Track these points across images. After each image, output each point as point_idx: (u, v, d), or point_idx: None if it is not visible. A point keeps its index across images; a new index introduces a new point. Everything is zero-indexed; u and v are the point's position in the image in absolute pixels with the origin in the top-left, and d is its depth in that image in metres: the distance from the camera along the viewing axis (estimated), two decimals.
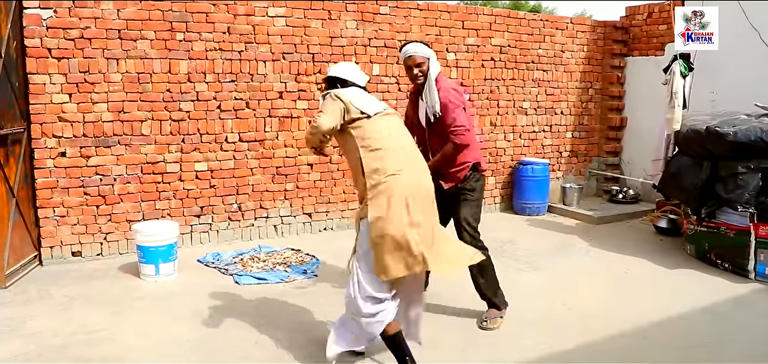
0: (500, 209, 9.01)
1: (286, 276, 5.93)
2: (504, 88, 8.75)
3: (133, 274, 6.01)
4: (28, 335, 4.61)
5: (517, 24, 8.74)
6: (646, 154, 9.24)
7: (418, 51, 4.72)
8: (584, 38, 9.38)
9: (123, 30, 6.31)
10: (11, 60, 5.81)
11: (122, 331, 4.72)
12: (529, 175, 8.72)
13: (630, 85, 9.63)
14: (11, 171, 5.81)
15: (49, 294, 5.48)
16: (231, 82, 6.83)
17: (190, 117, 6.71)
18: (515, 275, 6.17)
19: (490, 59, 8.56)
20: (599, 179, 9.95)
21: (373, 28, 7.61)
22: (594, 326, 4.91)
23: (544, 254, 6.91)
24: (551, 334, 4.76)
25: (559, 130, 9.39)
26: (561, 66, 9.23)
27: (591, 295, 5.66)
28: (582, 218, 8.64)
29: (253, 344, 4.51)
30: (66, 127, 6.19)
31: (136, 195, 6.58)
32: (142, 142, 6.52)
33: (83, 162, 6.31)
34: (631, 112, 9.64)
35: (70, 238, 6.34)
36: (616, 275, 6.28)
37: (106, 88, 6.31)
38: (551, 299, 5.50)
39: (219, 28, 6.74)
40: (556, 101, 9.29)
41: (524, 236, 7.68)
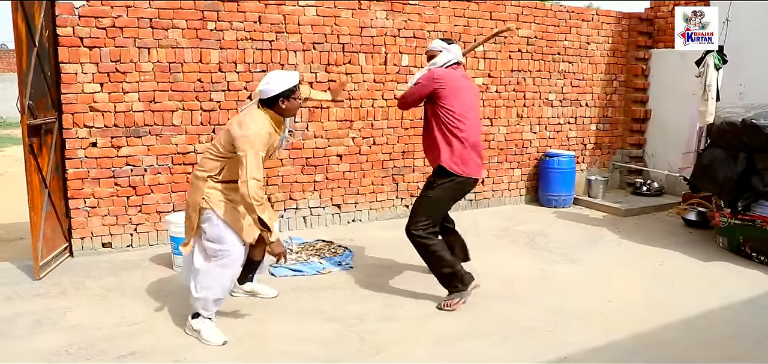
0: (525, 201, 8.95)
1: (322, 268, 5.87)
2: (530, 80, 8.67)
3: (164, 265, 5.96)
4: (70, 327, 4.57)
5: (543, 15, 8.66)
6: (671, 147, 9.21)
7: (433, 45, 5.24)
8: (609, 30, 9.30)
9: (154, 19, 6.25)
10: (44, 49, 5.75)
11: (162, 323, 4.68)
12: (555, 168, 8.65)
13: (654, 77, 9.54)
14: (44, 161, 5.76)
15: (84, 286, 5.43)
16: (262, 72, 6.76)
17: (221, 107, 6.65)
18: (551, 266, 6.12)
19: (517, 51, 8.49)
20: (622, 172, 9.88)
21: (403, 19, 7.54)
22: (638, 319, 4.85)
23: (576, 245, 6.86)
24: (598, 328, 4.70)
25: (583, 123, 9.32)
26: (586, 58, 9.16)
27: (629, 287, 5.60)
28: (608, 210, 8.57)
29: (298, 340, 4.45)
30: (97, 117, 6.14)
31: (167, 186, 6.53)
32: (172, 132, 6.47)
33: (114, 152, 6.25)
34: (656, 105, 9.55)
35: (101, 229, 6.29)
36: (650, 267, 6.22)
37: (138, 78, 6.25)
38: (591, 292, 5.45)
39: (250, 18, 6.67)
40: (581, 93, 9.22)
41: (553, 228, 7.62)
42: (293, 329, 4.57)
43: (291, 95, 4.36)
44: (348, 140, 7.42)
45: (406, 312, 4.93)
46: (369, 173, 7.62)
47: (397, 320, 4.77)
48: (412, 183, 7.89)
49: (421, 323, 4.74)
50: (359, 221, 7.58)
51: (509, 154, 8.69)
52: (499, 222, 7.76)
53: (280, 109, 4.36)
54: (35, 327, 4.57)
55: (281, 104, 4.34)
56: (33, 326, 4.59)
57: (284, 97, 4.33)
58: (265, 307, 4.99)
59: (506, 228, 7.50)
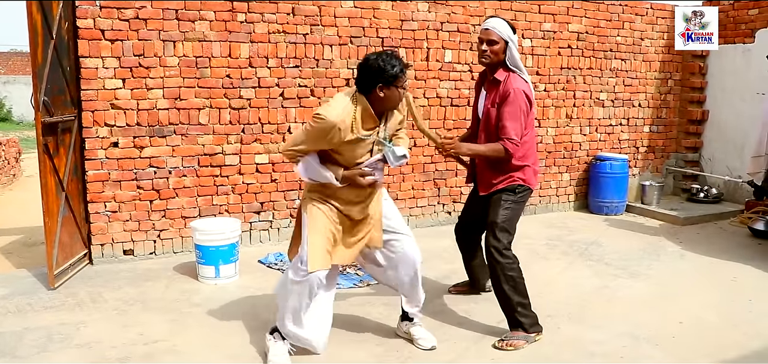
0: (574, 208, 8.36)
1: (358, 280, 5.39)
2: (581, 78, 8.10)
3: (189, 275, 5.52)
4: (84, 345, 4.13)
5: (595, 9, 8.08)
6: (730, 151, 8.60)
7: (496, 26, 4.17)
8: (664, 25, 8.68)
9: (180, 10, 5.82)
10: (62, 42, 5.34)
11: (185, 341, 4.23)
12: (607, 172, 8.06)
13: (713, 76, 8.89)
14: (61, 162, 5.36)
15: (102, 297, 5.00)
16: (295, 68, 6.30)
17: (251, 105, 6.20)
18: (612, 281, 5.55)
19: (567, 47, 7.92)
20: (677, 177, 9.24)
21: (446, 12, 7.03)
22: (717, 343, 4.31)
23: (635, 257, 6.26)
24: (673, 353, 4.15)
25: (636, 124, 8.71)
26: (640, 55, 8.55)
27: (701, 306, 5.00)
28: (665, 218, 7.96)
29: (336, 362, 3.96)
30: (119, 115, 5.72)
31: (192, 189, 6.09)
32: (199, 132, 6.03)
33: (136, 153, 5.83)
34: (714, 105, 8.91)
35: (122, 235, 5.87)
36: (722, 282, 5.61)
37: (162, 73, 5.82)
38: (659, 311, 4.87)
39: (283, 9, 6.21)
40: (634, 93, 8.61)
41: (608, 237, 7.03)
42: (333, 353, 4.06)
43: (394, 82, 3.59)
44: None
45: (456, 333, 4.40)
46: (409, 177, 7.12)
47: (446, 342, 4.24)
48: (454, 188, 7.36)
49: (476, 346, 4.20)
50: None
51: (557, 158, 8.11)
52: (548, 231, 7.19)
53: (377, 98, 3.60)
54: (45, 345, 4.14)
55: (379, 92, 3.58)
56: (43, 343, 4.16)
57: (384, 83, 3.59)
58: None
59: (558, 237, 6.93)
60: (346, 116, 3.55)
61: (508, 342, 4.15)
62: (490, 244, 4.21)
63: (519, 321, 4.20)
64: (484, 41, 4.17)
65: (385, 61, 3.54)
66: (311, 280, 3.65)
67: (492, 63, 4.22)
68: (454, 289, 5.18)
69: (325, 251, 3.69)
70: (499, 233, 4.19)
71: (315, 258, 3.63)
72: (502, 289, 4.19)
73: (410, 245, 3.98)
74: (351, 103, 3.59)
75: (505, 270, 4.16)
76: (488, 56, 4.18)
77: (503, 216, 4.22)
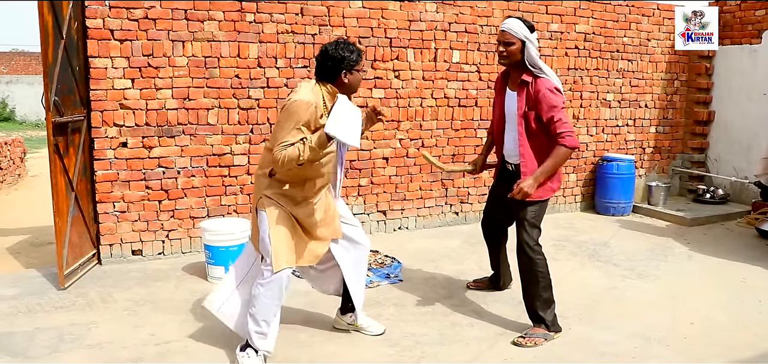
0: (581, 209, 8.35)
1: (368, 281, 5.37)
2: (588, 79, 8.09)
3: (198, 276, 5.52)
4: (96, 345, 4.13)
5: (602, 10, 8.07)
6: (737, 152, 8.59)
7: (511, 27, 4.16)
8: (671, 26, 8.66)
9: (189, 10, 5.82)
10: (72, 42, 5.34)
11: (197, 341, 4.22)
12: (614, 173, 8.05)
13: (719, 76, 8.87)
14: (71, 162, 5.36)
15: (112, 298, 5.00)
16: (303, 68, 6.30)
17: (260, 105, 6.19)
18: (620, 282, 5.54)
19: (574, 47, 7.91)
20: (683, 178, 9.23)
21: (454, 12, 7.02)
22: (728, 345, 4.31)
23: (643, 258, 6.26)
24: (684, 355, 4.15)
25: (642, 125, 8.70)
26: (646, 55, 8.54)
27: (711, 307, 4.99)
28: (672, 219, 7.95)
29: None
30: (128, 115, 5.72)
31: (201, 189, 6.08)
32: (208, 132, 6.03)
33: (145, 153, 5.83)
34: (720, 106, 8.89)
35: (131, 235, 5.87)
36: (731, 283, 5.60)
37: (171, 73, 5.82)
38: (669, 312, 4.87)
39: (291, 10, 6.21)
40: (641, 93, 8.60)
41: (615, 238, 7.02)
42: (344, 351, 4.06)
43: (355, 67, 3.75)
44: (395, 142, 6.91)
45: (469, 333, 4.40)
46: (417, 178, 7.10)
47: (458, 342, 4.24)
48: (462, 189, 7.35)
49: (489, 346, 4.20)
50: (405, 229, 7.06)
51: None
52: (555, 231, 7.18)
53: (341, 83, 3.74)
54: (57, 345, 4.13)
55: (343, 78, 3.73)
56: (54, 343, 4.16)
57: (347, 69, 3.72)
58: (309, 324, 4.50)
59: (565, 238, 6.92)
60: (316, 98, 3.68)
61: (529, 338, 4.19)
62: (522, 239, 4.27)
63: (542, 318, 4.26)
64: (501, 43, 4.19)
65: (344, 49, 3.71)
66: (280, 278, 3.73)
67: (511, 63, 4.24)
68: (473, 284, 5.23)
69: (289, 249, 3.77)
70: (529, 229, 4.27)
71: (280, 257, 3.71)
72: (530, 284, 4.27)
73: (362, 233, 4.28)
74: (316, 88, 3.75)
75: (536, 266, 4.24)
76: (506, 57, 4.21)
77: (532, 212, 4.27)
